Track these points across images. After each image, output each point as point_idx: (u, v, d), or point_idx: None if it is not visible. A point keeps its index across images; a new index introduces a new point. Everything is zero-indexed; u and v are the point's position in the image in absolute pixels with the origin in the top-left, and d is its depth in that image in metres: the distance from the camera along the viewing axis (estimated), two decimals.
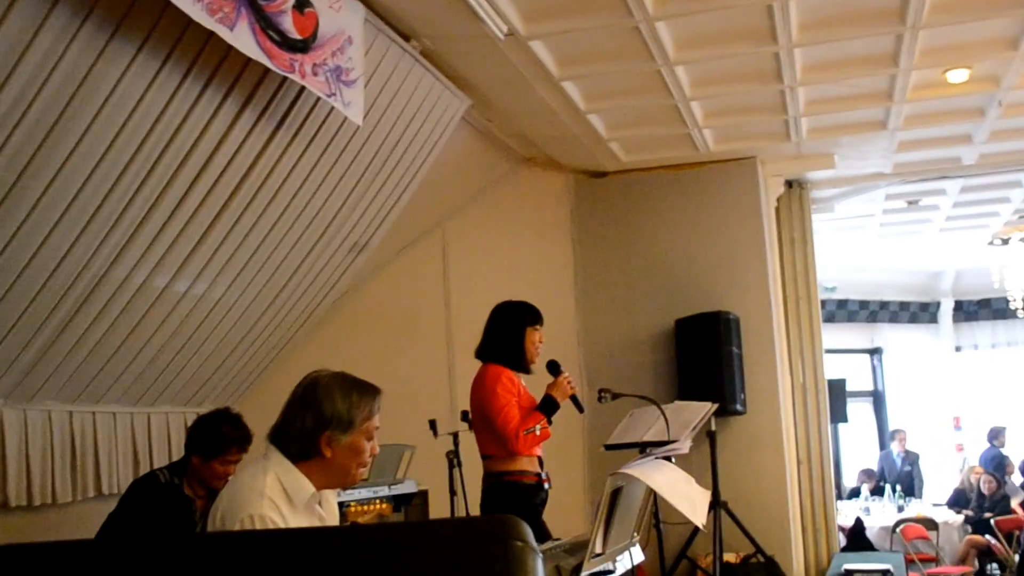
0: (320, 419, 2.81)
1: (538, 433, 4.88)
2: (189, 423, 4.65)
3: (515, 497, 4.88)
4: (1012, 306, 11.41)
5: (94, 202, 4.46)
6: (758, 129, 7.19)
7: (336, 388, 2.86)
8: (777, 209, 8.26)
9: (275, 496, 2.73)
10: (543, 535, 4.67)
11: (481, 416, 4.97)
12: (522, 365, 5.01)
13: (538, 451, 5.01)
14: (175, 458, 5.02)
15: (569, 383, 4.98)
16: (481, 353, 5.08)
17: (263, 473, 2.78)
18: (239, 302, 5.98)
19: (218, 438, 4.39)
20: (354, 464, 2.87)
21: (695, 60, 5.86)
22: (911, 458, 12.26)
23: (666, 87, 6.18)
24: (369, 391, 2.91)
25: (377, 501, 5.67)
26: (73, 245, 4.58)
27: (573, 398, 5.00)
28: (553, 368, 5.02)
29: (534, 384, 5.11)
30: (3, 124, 3.84)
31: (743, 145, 7.48)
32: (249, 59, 4.17)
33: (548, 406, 4.92)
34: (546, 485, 5.02)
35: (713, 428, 6.77)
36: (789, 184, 8.33)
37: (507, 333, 5.01)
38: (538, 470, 4.98)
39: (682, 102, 6.43)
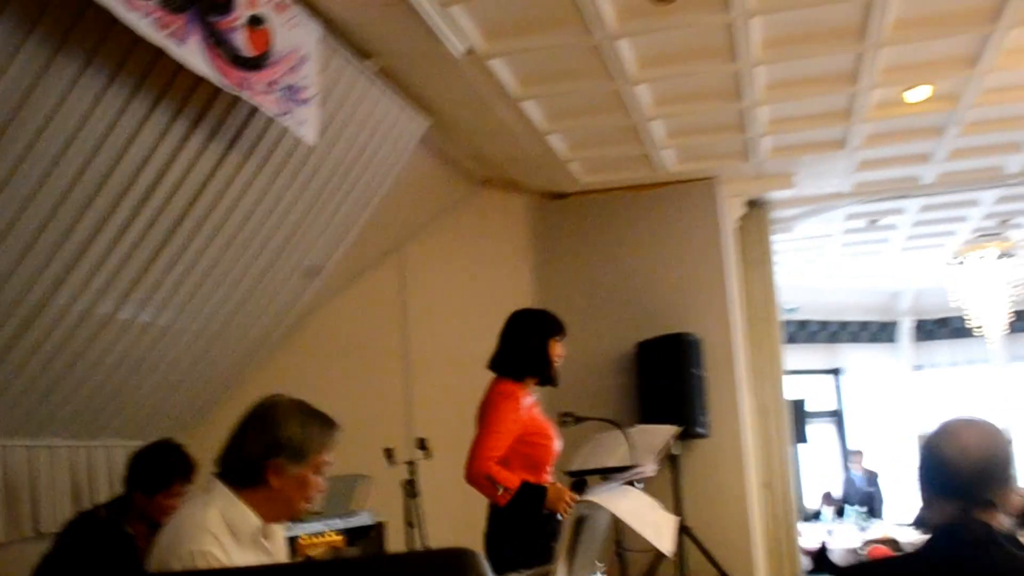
0: (273, 443, 2.68)
1: (499, 493, 4.28)
2: None
3: (523, 529, 4.36)
4: (970, 325, 11.46)
5: (35, 224, 4.30)
6: (718, 149, 7.15)
7: (294, 414, 2.74)
8: (738, 229, 8.22)
9: (217, 530, 2.61)
10: None
11: None
12: (548, 377, 4.60)
13: (549, 477, 4.57)
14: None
15: (566, 508, 4.25)
16: (496, 365, 4.63)
17: (205, 506, 2.66)
18: (188, 330, 5.80)
19: (161, 471, 4.21)
20: (299, 498, 2.74)
21: (655, 79, 5.80)
22: (871, 476, 12.26)
23: (626, 106, 6.11)
24: (327, 424, 2.79)
25: (329, 533, 5.49)
26: (13, 270, 4.40)
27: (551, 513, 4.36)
28: (579, 487, 4.42)
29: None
30: None
31: (703, 165, 7.43)
32: (200, 77, 4.04)
33: (531, 494, 4.32)
34: (559, 516, 4.33)
35: (676, 451, 6.68)
36: (750, 204, 8.30)
37: (530, 343, 4.58)
38: None
39: (642, 122, 6.36)
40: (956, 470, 2.45)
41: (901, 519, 11.37)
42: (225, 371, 6.56)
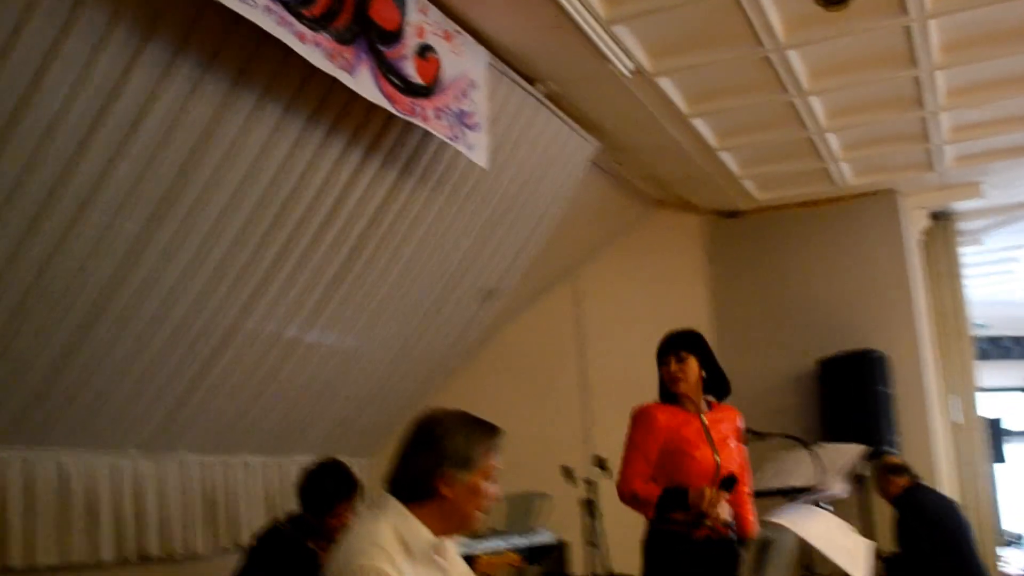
0: (439, 456, 2.65)
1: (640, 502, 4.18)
2: None
3: (673, 551, 4.17)
4: None
5: (221, 252, 4.50)
6: (899, 160, 6.89)
7: (454, 424, 2.71)
8: (922, 243, 7.92)
9: (390, 546, 2.55)
10: None
11: None
12: (667, 397, 4.42)
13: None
14: None
15: (711, 506, 4.07)
16: None
17: (377, 521, 2.62)
18: (371, 352, 5.96)
19: (323, 495, 4.28)
20: (472, 507, 2.69)
21: (830, 89, 5.64)
22: None
23: (800, 119, 5.97)
24: (489, 429, 2.75)
25: (508, 552, 5.49)
26: (205, 296, 4.62)
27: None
28: (727, 484, 4.15)
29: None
30: (134, 178, 3.89)
31: (883, 177, 7.19)
32: (372, 105, 4.16)
33: (672, 498, 4.11)
34: (731, 536, 4.18)
35: (864, 472, 6.44)
36: (934, 216, 8.00)
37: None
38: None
39: (817, 134, 6.20)
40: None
41: None
42: (406, 393, 6.71)
